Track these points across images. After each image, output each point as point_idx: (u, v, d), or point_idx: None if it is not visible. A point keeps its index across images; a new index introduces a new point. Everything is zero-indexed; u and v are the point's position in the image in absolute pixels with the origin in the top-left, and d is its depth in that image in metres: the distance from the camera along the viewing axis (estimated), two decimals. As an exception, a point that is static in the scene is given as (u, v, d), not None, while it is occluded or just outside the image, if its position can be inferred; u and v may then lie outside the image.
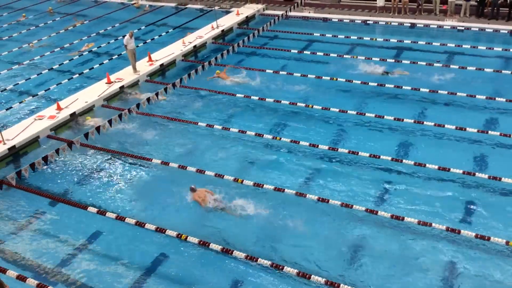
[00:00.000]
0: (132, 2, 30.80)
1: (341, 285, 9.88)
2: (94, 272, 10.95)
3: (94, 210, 12.59)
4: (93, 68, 21.32)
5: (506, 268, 10.29)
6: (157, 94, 17.91)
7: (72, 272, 10.98)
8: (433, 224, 11.29)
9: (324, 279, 10.06)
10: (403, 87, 17.50)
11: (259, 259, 10.66)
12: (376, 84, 17.95)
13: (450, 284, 10.05)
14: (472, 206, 12.09)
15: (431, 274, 10.28)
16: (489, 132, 14.64)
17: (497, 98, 16.41)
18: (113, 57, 22.25)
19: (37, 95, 19.31)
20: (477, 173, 12.86)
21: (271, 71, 19.59)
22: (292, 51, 21.37)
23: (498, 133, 14.51)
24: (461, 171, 12.92)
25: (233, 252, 10.90)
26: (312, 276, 10.15)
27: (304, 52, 21.36)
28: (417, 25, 23.32)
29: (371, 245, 11.13)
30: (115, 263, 11.17)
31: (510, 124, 15.00)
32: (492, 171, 12.92)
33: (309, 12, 25.98)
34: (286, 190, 12.75)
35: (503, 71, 18.32)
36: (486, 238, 10.85)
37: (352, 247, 11.13)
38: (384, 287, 10.04)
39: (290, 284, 10.22)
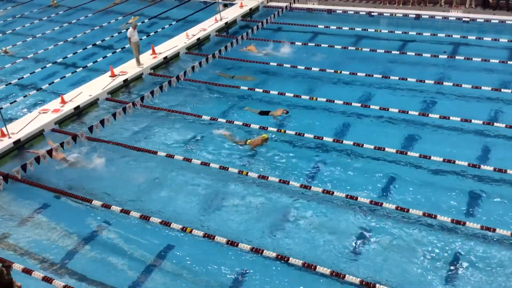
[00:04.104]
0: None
1: (347, 275, 9.93)
2: (99, 265, 11.02)
3: (99, 203, 12.63)
4: (96, 61, 21.31)
5: (511, 258, 10.28)
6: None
7: (77, 265, 11.04)
8: (438, 216, 11.27)
9: (329, 270, 10.10)
10: (408, 79, 17.41)
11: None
12: (381, 76, 17.87)
13: (455, 275, 10.05)
14: (477, 198, 12.06)
15: (437, 265, 10.29)
16: (495, 124, 14.56)
17: (502, 90, 16.31)
18: (117, 50, 22.23)
19: (41, 88, 19.33)
20: (482, 165, 12.81)
21: (275, 64, 19.53)
22: (297, 43, 21.28)
23: (504, 125, 14.43)
24: (466, 163, 12.88)
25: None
26: (318, 266, 10.21)
27: (309, 44, 21.26)
28: (422, 16, 23.16)
29: (376, 237, 11.13)
30: (120, 256, 11.21)
31: (516, 116, 14.95)
32: (498, 163, 12.86)
33: (313, 4, 25.84)
34: (291, 182, 12.76)
35: (509, 62, 18.19)
36: (492, 229, 10.82)
37: (356, 239, 11.13)
38: (390, 278, 10.04)
39: (295, 274, 10.28)
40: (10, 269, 9.61)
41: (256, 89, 17.68)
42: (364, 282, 9.82)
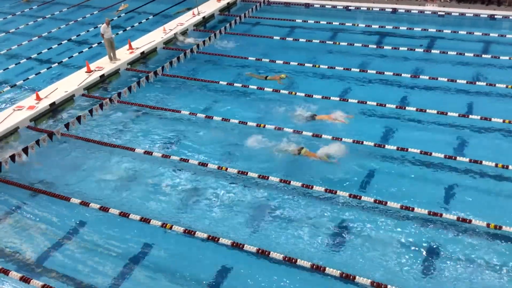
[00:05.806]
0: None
1: (327, 268, 10.04)
2: (78, 263, 10.89)
3: (77, 201, 12.47)
4: (72, 56, 20.98)
5: (486, 249, 10.51)
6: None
7: (55, 264, 10.90)
8: (416, 209, 11.44)
9: (310, 263, 10.18)
10: (385, 72, 17.58)
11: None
12: (358, 70, 18.01)
13: (433, 267, 10.23)
14: (453, 190, 12.26)
15: (415, 257, 10.46)
16: (470, 116, 14.81)
17: (477, 82, 16.60)
18: (93, 45, 21.90)
19: (16, 85, 18.95)
20: (458, 157, 13.04)
21: (254, 59, 19.50)
22: (275, 37, 21.27)
23: (479, 117, 14.68)
24: (442, 155, 13.09)
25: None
26: (299, 260, 10.29)
27: (287, 38, 21.27)
28: (399, 10, 23.38)
29: (354, 230, 11.25)
30: (99, 254, 11.11)
31: (490, 108, 15.19)
32: (473, 155, 13.10)
33: (291, -2, 25.80)
34: (270, 177, 12.80)
35: (483, 55, 18.51)
36: (468, 220, 11.03)
37: (335, 232, 11.22)
38: (369, 270, 10.16)
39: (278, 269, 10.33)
40: None
41: (235, 84, 17.65)
42: (344, 274, 9.92)
